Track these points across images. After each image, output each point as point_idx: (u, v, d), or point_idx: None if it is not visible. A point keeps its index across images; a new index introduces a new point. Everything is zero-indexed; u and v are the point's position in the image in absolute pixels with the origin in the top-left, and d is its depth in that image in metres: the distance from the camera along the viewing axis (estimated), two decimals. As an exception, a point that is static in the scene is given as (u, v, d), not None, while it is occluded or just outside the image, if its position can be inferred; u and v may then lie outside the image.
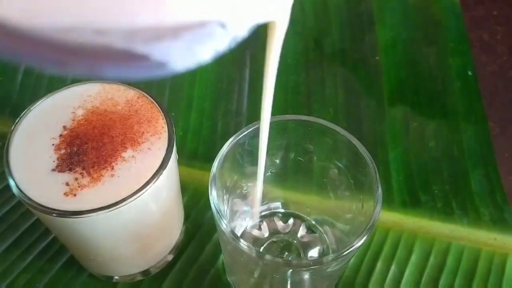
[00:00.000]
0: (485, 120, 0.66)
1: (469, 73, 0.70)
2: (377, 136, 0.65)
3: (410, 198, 0.60)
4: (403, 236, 0.58)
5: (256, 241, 0.53)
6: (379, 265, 0.56)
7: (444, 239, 0.58)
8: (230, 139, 0.45)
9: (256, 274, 0.45)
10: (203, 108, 0.68)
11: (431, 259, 0.57)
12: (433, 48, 0.72)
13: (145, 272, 0.55)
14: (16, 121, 0.44)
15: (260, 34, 0.73)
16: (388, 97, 0.68)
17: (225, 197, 0.46)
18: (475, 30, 0.79)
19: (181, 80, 0.70)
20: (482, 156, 0.64)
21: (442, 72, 0.70)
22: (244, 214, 0.52)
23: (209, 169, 0.43)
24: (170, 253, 0.56)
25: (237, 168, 0.44)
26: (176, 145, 0.45)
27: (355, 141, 0.44)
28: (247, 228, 0.53)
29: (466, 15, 0.74)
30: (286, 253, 0.51)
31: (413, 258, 0.57)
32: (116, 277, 0.54)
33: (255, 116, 0.67)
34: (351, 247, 0.40)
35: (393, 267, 0.56)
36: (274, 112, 0.67)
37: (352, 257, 0.44)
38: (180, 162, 0.48)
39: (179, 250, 0.57)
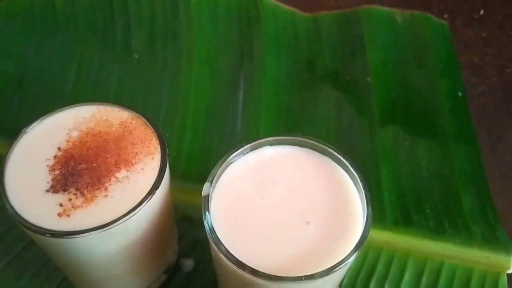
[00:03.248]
0: (475, 140, 0.67)
1: (459, 93, 0.71)
2: (368, 156, 0.66)
3: (402, 217, 0.61)
4: (396, 256, 0.58)
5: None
6: (372, 285, 0.56)
7: (436, 258, 0.58)
8: (221, 160, 0.45)
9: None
10: (197, 129, 0.69)
11: (424, 278, 0.57)
12: (423, 70, 0.74)
13: (139, 293, 0.55)
14: (12, 142, 0.45)
15: (253, 56, 0.75)
16: (379, 118, 0.69)
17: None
18: (464, 52, 0.80)
19: (176, 101, 0.71)
20: (473, 176, 0.64)
21: (433, 93, 0.71)
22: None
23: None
24: (164, 273, 0.56)
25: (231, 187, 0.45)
26: (169, 165, 0.45)
27: (345, 160, 0.45)
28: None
29: (455, 38, 0.75)
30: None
31: (406, 277, 0.57)
32: (110, 298, 0.54)
33: (249, 136, 0.68)
34: (341, 263, 0.40)
35: (386, 287, 0.56)
36: (267, 133, 0.68)
37: (345, 274, 0.45)
38: (173, 182, 0.49)
39: (173, 269, 0.57)
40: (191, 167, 0.66)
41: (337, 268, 0.40)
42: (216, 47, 0.75)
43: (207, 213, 0.42)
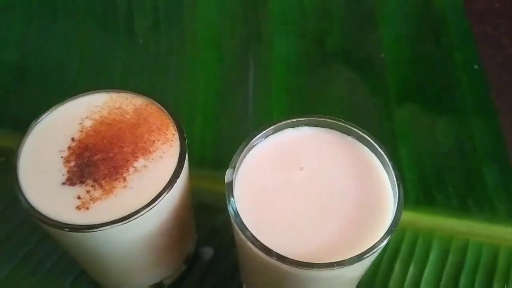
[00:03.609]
0: (495, 114, 0.65)
1: (475, 66, 0.69)
2: (386, 135, 0.64)
3: (424, 196, 0.59)
4: (420, 235, 0.57)
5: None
6: (397, 266, 0.55)
7: (461, 237, 0.57)
8: (242, 144, 0.43)
9: (276, 279, 0.43)
10: (207, 114, 0.67)
11: (450, 258, 0.56)
12: (438, 43, 0.71)
13: (159, 284, 0.53)
14: (24, 135, 0.43)
15: (261, 37, 0.73)
16: (395, 95, 0.67)
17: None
18: (478, 24, 0.78)
19: (183, 86, 0.69)
20: (494, 151, 0.63)
21: (448, 67, 0.69)
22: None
23: (218, 176, 0.42)
24: (183, 262, 0.54)
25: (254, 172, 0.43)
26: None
27: (372, 139, 0.43)
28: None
29: (468, 9, 0.73)
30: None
31: (432, 257, 0.56)
32: (129, 290, 0.53)
33: (261, 120, 0.66)
34: (374, 248, 0.38)
35: (411, 267, 0.55)
36: (279, 115, 0.66)
37: (373, 259, 0.43)
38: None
39: (193, 259, 0.56)
40: (204, 153, 0.64)
41: (369, 254, 0.38)
42: (222, 28, 0.73)
43: (231, 198, 0.40)
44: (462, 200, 0.59)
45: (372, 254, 0.39)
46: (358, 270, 0.43)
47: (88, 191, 0.39)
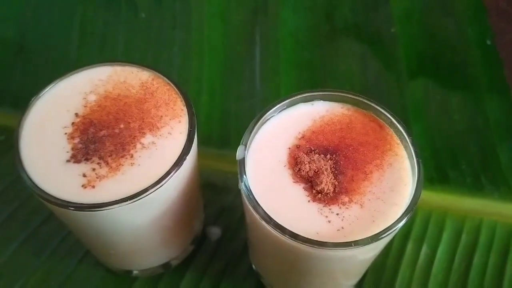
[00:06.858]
0: (508, 91, 0.63)
1: (488, 42, 0.67)
2: (398, 112, 0.62)
3: (438, 175, 0.58)
4: (433, 215, 0.55)
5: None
6: (410, 245, 0.54)
7: (475, 215, 0.55)
8: (254, 120, 0.41)
9: (288, 259, 0.42)
10: (214, 90, 0.65)
11: (463, 237, 0.54)
12: (450, 18, 0.69)
13: (166, 265, 0.52)
14: (25, 110, 0.41)
15: (268, 10, 0.70)
16: (407, 71, 0.65)
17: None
18: (491, -3, 0.75)
19: (189, 62, 0.67)
20: (508, 128, 0.61)
21: (461, 42, 0.67)
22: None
23: (225, 155, 0.39)
24: (191, 243, 0.53)
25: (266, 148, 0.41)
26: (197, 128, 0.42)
27: (390, 115, 0.41)
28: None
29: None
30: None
31: (445, 236, 0.54)
32: (136, 271, 0.52)
33: (269, 96, 0.64)
34: (391, 229, 0.37)
35: (424, 247, 0.54)
36: (288, 92, 0.64)
37: (389, 240, 0.42)
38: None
39: (200, 239, 0.54)
40: (210, 131, 0.62)
41: (386, 234, 0.37)
42: (228, 1, 0.70)
43: (244, 176, 0.38)
44: (475, 178, 0.58)
45: (389, 234, 0.37)
46: (373, 251, 0.42)
47: (93, 169, 0.38)
